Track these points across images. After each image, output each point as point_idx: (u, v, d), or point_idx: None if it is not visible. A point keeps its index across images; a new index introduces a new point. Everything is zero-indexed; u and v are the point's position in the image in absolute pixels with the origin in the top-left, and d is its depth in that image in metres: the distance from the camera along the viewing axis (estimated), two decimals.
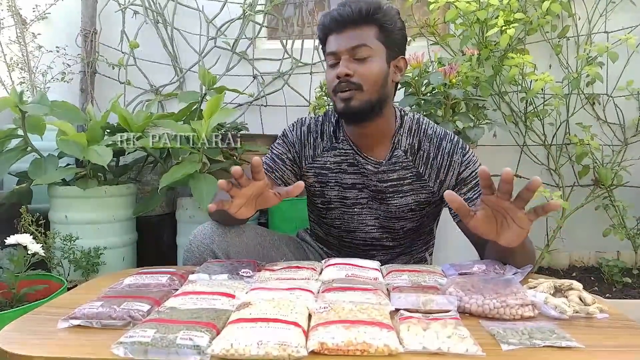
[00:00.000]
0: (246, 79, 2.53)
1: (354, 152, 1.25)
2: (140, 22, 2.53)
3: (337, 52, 1.16)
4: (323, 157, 1.29)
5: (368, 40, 1.14)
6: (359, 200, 1.28)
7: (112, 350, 0.66)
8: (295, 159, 1.31)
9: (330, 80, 1.18)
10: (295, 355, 0.64)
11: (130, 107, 2.52)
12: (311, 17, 2.58)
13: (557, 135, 2.38)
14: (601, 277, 2.16)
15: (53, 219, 1.75)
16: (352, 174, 1.26)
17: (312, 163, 1.30)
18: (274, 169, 1.29)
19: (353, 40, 1.14)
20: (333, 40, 1.17)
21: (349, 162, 1.26)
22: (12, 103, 1.65)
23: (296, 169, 1.31)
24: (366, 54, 1.14)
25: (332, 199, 1.29)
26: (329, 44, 1.19)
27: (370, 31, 1.15)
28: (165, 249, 2.04)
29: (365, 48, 1.14)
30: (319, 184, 1.30)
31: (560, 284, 0.92)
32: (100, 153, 1.61)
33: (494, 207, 0.89)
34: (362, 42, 1.14)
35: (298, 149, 1.30)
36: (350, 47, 1.14)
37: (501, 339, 0.71)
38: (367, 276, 0.96)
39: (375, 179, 1.24)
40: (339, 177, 1.27)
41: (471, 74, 1.93)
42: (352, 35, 1.14)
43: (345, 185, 1.27)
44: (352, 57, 1.14)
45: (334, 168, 1.28)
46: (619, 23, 2.32)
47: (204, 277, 0.96)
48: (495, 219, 0.91)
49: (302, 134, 1.31)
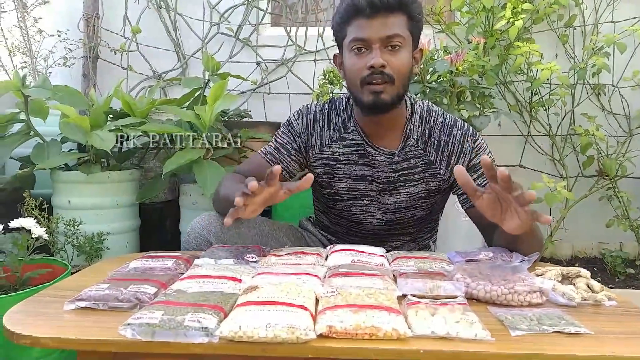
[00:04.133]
0: (249, 66, 2.51)
1: (365, 142, 1.22)
2: (142, 7, 2.51)
3: (369, 39, 1.08)
4: (331, 147, 1.25)
5: (400, 29, 1.09)
6: (368, 192, 1.25)
7: (119, 332, 0.66)
8: (301, 148, 1.26)
9: (357, 68, 1.11)
10: (304, 338, 0.64)
11: (132, 93, 2.51)
12: (315, 3, 2.55)
13: (561, 125, 2.36)
14: (604, 268, 2.16)
15: (56, 203, 1.75)
16: (362, 166, 1.23)
17: (320, 154, 1.26)
18: (278, 159, 1.26)
19: (388, 28, 1.08)
20: (363, 25, 1.09)
21: (359, 153, 1.23)
22: (14, 87, 1.64)
23: (301, 159, 1.28)
24: (400, 43, 1.09)
25: (340, 190, 1.26)
26: (355, 28, 1.10)
27: (402, 19, 1.09)
28: (168, 236, 2.04)
29: (399, 38, 1.09)
30: (326, 175, 1.26)
31: (568, 272, 0.91)
32: (104, 138, 1.60)
33: (499, 195, 0.88)
34: (396, 31, 1.08)
35: (304, 138, 1.26)
36: (385, 36, 1.08)
37: (510, 324, 0.71)
38: (373, 262, 0.96)
39: (388, 169, 1.22)
40: (348, 168, 1.24)
41: (477, 63, 1.91)
42: (385, 22, 1.08)
43: (355, 177, 1.24)
44: (383, 46, 1.08)
45: (343, 159, 1.24)
46: (626, 13, 2.30)
47: (209, 262, 0.96)
48: (501, 204, 0.90)
49: (309, 123, 1.26)
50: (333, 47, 2.44)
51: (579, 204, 2.24)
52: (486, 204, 0.90)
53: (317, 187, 1.32)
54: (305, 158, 1.28)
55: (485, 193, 0.89)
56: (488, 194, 0.89)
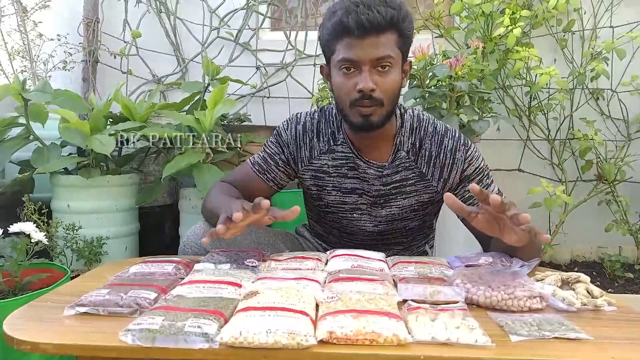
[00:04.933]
0: (249, 70, 2.51)
1: (355, 155, 1.20)
2: (142, 11, 2.51)
3: (358, 60, 1.05)
4: (320, 159, 1.22)
5: (390, 49, 1.06)
6: (358, 205, 1.23)
7: (120, 337, 0.66)
8: (290, 160, 1.24)
9: (346, 90, 1.08)
10: (304, 344, 0.64)
11: (132, 97, 2.51)
12: (315, 8, 2.56)
13: (560, 129, 2.37)
14: (603, 272, 2.16)
15: (55, 208, 1.75)
16: (352, 179, 1.21)
17: (309, 165, 1.23)
18: (265, 170, 1.24)
19: (377, 49, 1.04)
20: (353, 44, 1.05)
21: (349, 165, 1.20)
22: (14, 91, 1.64)
23: (290, 171, 1.25)
24: (390, 63, 1.07)
25: (330, 203, 1.24)
26: (344, 47, 1.06)
27: (392, 39, 1.06)
28: (167, 240, 2.05)
29: (389, 59, 1.06)
30: (316, 187, 1.24)
31: (568, 277, 0.91)
32: (103, 142, 1.60)
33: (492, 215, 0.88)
34: (387, 52, 1.05)
35: (292, 149, 1.23)
36: (375, 58, 1.05)
37: (510, 330, 0.71)
38: (373, 267, 0.96)
39: (378, 183, 1.20)
40: (337, 181, 1.22)
41: (476, 67, 1.92)
42: (375, 43, 1.04)
43: (345, 190, 1.22)
44: (373, 67, 1.06)
45: (332, 172, 1.22)
46: (624, 18, 2.31)
47: (209, 267, 0.96)
48: (497, 221, 0.90)
49: (298, 134, 1.23)
50: None
51: (578, 209, 2.24)
52: (482, 223, 0.90)
53: (308, 198, 1.31)
54: (294, 170, 1.25)
55: (480, 213, 0.89)
56: (482, 214, 0.89)
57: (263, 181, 1.24)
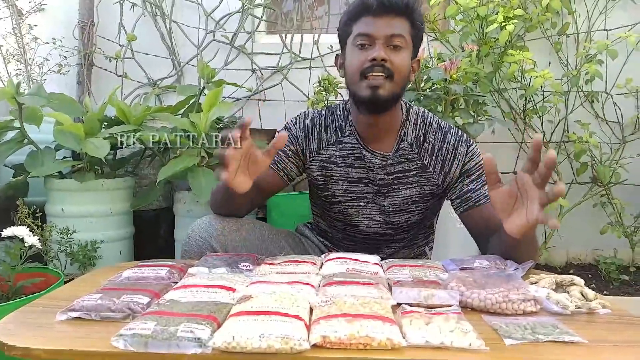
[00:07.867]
0: (245, 73, 2.51)
1: (361, 146, 1.25)
2: (138, 14, 2.51)
3: (373, 35, 1.13)
4: (328, 150, 1.28)
5: (404, 31, 1.14)
6: (364, 194, 1.28)
7: (112, 343, 0.65)
8: (299, 151, 1.29)
9: (359, 62, 1.14)
10: (298, 349, 0.63)
11: (127, 101, 2.50)
12: (310, 11, 2.56)
13: (555, 132, 2.38)
14: (598, 275, 2.17)
15: (50, 211, 1.74)
16: (358, 168, 1.26)
17: (317, 156, 1.29)
18: (276, 161, 1.27)
19: (393, 28, 1.13)
20: (369, 22, 1.14)
21: (355, 156, 1.26)
22: (9, 94, 1.64)
23: (299, 162, 1.30)
24: (401, 44, 1.13)
25: (337, 192, 1.29)
26: (361, 25, 1.15)
27: (405, 24, 1.14)
28: (162, 243, 2.04)
29: (402, 39, 1.13)
30: (323, 178, 1.29)
31: (562, 280, 0.91)
32: (98, 145, 1.60)
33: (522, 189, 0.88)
34: (400, 32, 1.13)
35: (302, 141, 1.29)
36: (390, 35, 1.12)
37: (504, 333, 0.70)
38: (367, 270, 0.96)
39: (382, 172, 1.25)
40: (345, 171, 1.27)
41: (471, 70, 1.92)
42: (390, 22, 1.13)
43: (351, 180, 1.27)
44: (386, 44, 1.12)
45: (339, 162, 1.27)
46: (618, 21, 2.32)
47: (203, 271, 0.95)
48: (515, 200, 0.90)
49: (306, 127, 1.29)
50: (328, 55, 2.45)
51: (573, 211, 2.25)
52: (500, 195, 0.91)
53: (314, 190, 1.35)
54: (302, 161, 1.30)
55: (506, 185, 0.90)
56: (509, 186, 0.90)
57: (274, 170, 1.28)
